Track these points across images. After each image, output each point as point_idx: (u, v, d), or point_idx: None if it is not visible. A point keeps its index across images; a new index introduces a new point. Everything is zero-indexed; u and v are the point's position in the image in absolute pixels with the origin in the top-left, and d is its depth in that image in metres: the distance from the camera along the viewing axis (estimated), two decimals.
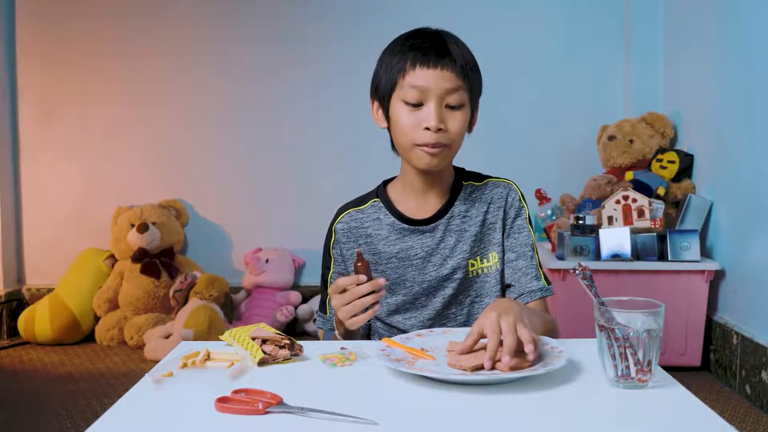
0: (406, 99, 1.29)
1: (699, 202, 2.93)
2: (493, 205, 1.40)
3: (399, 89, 1.30)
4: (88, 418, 2.39)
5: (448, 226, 1.38)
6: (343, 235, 1.41)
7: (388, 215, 1.40)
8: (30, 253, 3.76)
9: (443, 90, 1.27)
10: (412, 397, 0.96)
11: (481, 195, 1.41)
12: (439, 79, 1.27)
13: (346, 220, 1.42)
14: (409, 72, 1.28)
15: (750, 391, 2.54)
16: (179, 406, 0.93)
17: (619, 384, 0.98)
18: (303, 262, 3.69)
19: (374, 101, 1.38)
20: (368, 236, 1.40)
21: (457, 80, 1.28)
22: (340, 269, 1.43)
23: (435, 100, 1.27)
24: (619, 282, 2.77)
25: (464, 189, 1.41)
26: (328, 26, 3.64)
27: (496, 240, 1.39)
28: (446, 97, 1.28)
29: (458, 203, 1.39)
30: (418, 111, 1.28)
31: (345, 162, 3.63)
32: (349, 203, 1.45)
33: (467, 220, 1.38)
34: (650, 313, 0.98)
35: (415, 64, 1.28)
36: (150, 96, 3.69)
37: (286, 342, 1.12)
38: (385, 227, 1.39)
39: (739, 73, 2.70)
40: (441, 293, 1.38)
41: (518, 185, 1.44)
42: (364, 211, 1.42)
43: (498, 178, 1.44)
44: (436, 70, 1.27)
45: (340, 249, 1.42)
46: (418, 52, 1.28)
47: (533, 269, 1.38)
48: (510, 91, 3.54)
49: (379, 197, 1.42)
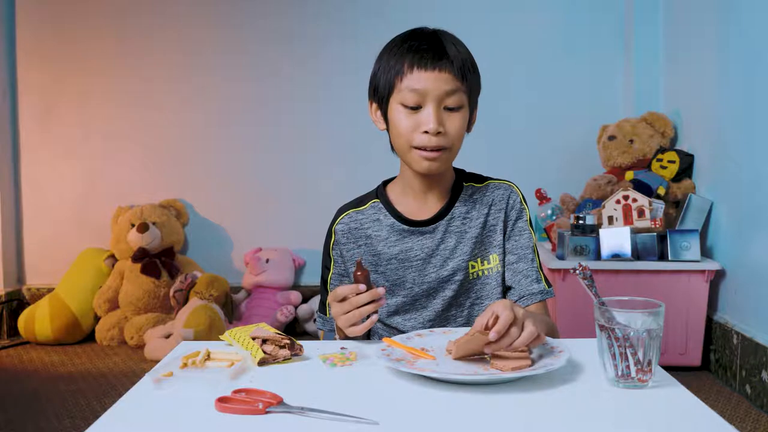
0: (404, 102, 1.28)
1: (699, 202, 2.93)
2: (494, 207, 1.39)
3: (397, 92, 1.29)
4: (89, 418, 2.39)
5: (448, 227, 1.38)
6: (343, 236, 1.41)
7: (388, 216, 1.39)
8: (30, 252, 3.76)
9: (442, 92, 1.26)
10: (412, 397, 0.96)
11: (482, 197, 1.40)
12: (438, 81, 1.26)
13: (345, 221, 1.42)
14: (406, 75, 1.27)
15: (750, 391, 2.54)
16: (179, 406, 0.93)
17: (619, 384, 0.98)
18: (303, 262, 3.69)
19: (372, 102, 1.37)
20: (368, 237, 1.40)
21: (455, 82, 1.27)
22: (340, 270, 1.42)
23: (433, 103, 1.26)
24: (620, 282, 2.77)
25: (465, 190, 1.40)
26: (328, 26, 3.64)
27: (497, 242, 1.39)
28: (445, 99, 1.27)
29: (458, 205, 1.39)
30: (416, 114, 1.28)
31: (345, 162, 3.63)
32: (348, 204, 1.45)
33: (468, 221, 1.38)
34: (650, 312, 0.98)
35: (412, 66, 1.27)
36: (150, 96, 3.70)
37: (287, 342, 1.12)
38: (385, 228, 1.39)
39: (740, 73, 2.70)
40: (441, 295, 1.38)
41: (518, 186, 1.44)
42: (364, 212, 1.41)
43: (499, 180, 1.43)
44: (434, 72, 1.26)
45: (339, 250, 1.41)
46: (415, 54, 1.27)
47: (534, 272, 1.38)
48: (510, 90, 3.54)
49: (378, 198, 1.42)
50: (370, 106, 1.38)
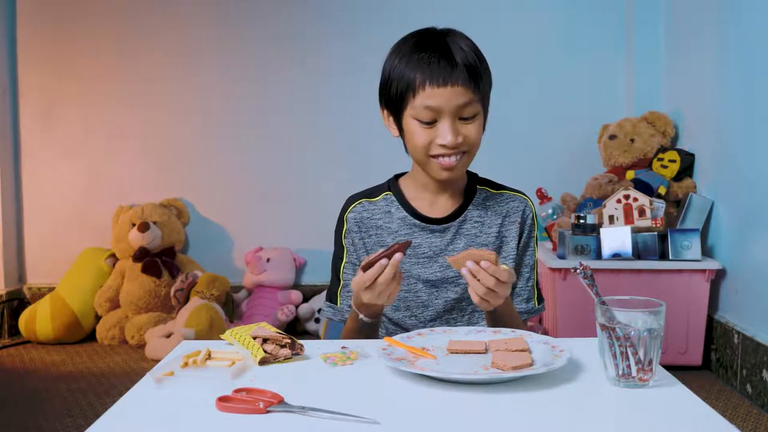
0: (419, 117, 1.28)
1: (700, 201, 2.93)
2: (507, 219, 1.40)
3: (410, 108, 1.28)
4: (89, 417, 2.39)
5: (460, 229, 1.38)
6: (355, 225, 1.41)
7: (400, 209, 1.39)
8: (31, 252, 3.76)
9: (456, 107, 1.26)
10: (412, 396, 0.96)
11: (495, 204, 1.41)
12: (451, 97, 1.25)
13: (358, 210, 1.41)
14: (419, 92, 1.26)
15: (751, 391, 2.54)
16: (180, 406, 0.93)
17: (620, 383, 0.98)
18: (304, 262, 3.69)
19: (384, 109, 1.36)
20: (378, 228, 1.40)
21: (468, 94, 1.26)
22: (352, 259, 1.42)
23: (449, 118, 1.26)
24: (620, 281, 2.77)
25: (478, 193, 1.41)
26: (328, 26, 3.64)
27: (508, 254, 1.40)
28: (460, 112, 1.27)
29: (471, 208, 1.39)
30: (432, 128, 1.28)
31: (345, 162, 3.63)
32: (359, 193, 1.44)
33: (480, 226, 1.38)
34: (651, 312, 0.98)
35: (424, 83, 1.26)
36: (150, 95, 3.69)
37: (287, 341, 1.12)
38: (395, 221, 1.39)
39: (740, 72, 2.70)
40: (443, 295, 1.38)
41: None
42: (376, 203, 1.41)
43: (514, 191, 1.44)
44: (447, 88, 1.25)
45: (351, 239, 1.41)
46: (426, 69, 1.26)
47: (526, 291, 1.42)
48: (511, 90, 3.53)
49: (391, 190, 1.42)
50: (382, 112, 1.37)
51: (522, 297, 1.41)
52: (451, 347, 1.10)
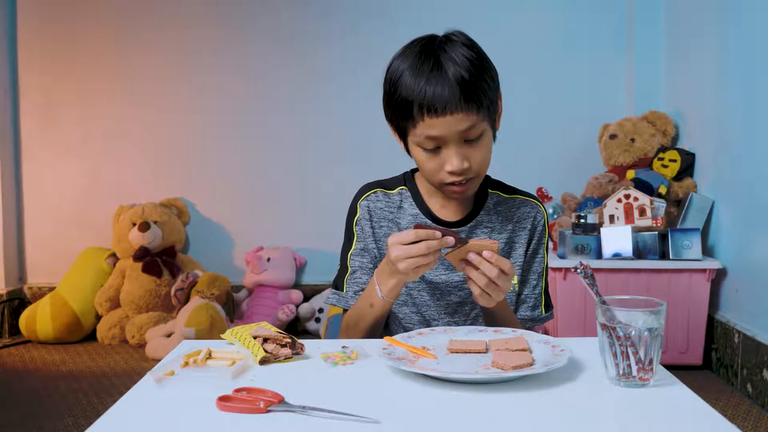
0: (422, 146, 1.24)
1: (700, 201, 2.93)
2: (518, 225, 1.39)
3: (413, 136, 1.24)
4: (90, 417, 2.39)
5: (470, 234, 1.37)
6: (367, 213, 1.39)
7: (413, 206, 1.38)
8: (31, 251, 3.76)
9: (458, 133, 1.21)
10: (413, 396, 0.96)
11: (507, 209, 1.39)
12: (453, 124, 1.19)
13: (372, 199, 1.40)
14: (419, 123, 1.21)
15: (751, 390, 2.54)
16: (181, 405, 0.93)
17: (620, 383, 0.98)
18: (304, 261, 3.69)
19: (390, 126, 1.33)
20: (389, 221, 1.39)
21: (470, 117, 1.20)
22: (361, 246, 1.40)
23: (453, 144, 1.22)
24: (621, 281, 2.77)
25: (489, 198, 1.40)
26: (328, 26, 3.64)
27: (517, 261, 1.39)
28: (464, 135, 1.22)
29: (483, 213, 1.38)
30: (438, 155, 1.24)
31: (345, 162, 3.63)
32: (375, 182, 1.42)
33: (490, 233, 1.37)
34: (651, 311, 0.97)
35: (422, 114, 1.20)
36: (150, 95, 3.70)
37: (288, 341, 1.12)
38: (407, 217, 1.38)
39: (741, 72, 2.70)
40: (447, 298, 1.37)
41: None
42: (391, 196, 1.40)
43: (526, 196, 1.42)
44: (447, 117, 1.19)
45: (362, 226, 1.40)
46: (422, 98, 1.19)
47: (533, 298, 1.40)
48: (511, 90, 3.49)
49: (407, 186, 1.41)
50: (390, 126, 1.33)
51: (528, 304, 1.39)
52: (451, 347, 1.10)
